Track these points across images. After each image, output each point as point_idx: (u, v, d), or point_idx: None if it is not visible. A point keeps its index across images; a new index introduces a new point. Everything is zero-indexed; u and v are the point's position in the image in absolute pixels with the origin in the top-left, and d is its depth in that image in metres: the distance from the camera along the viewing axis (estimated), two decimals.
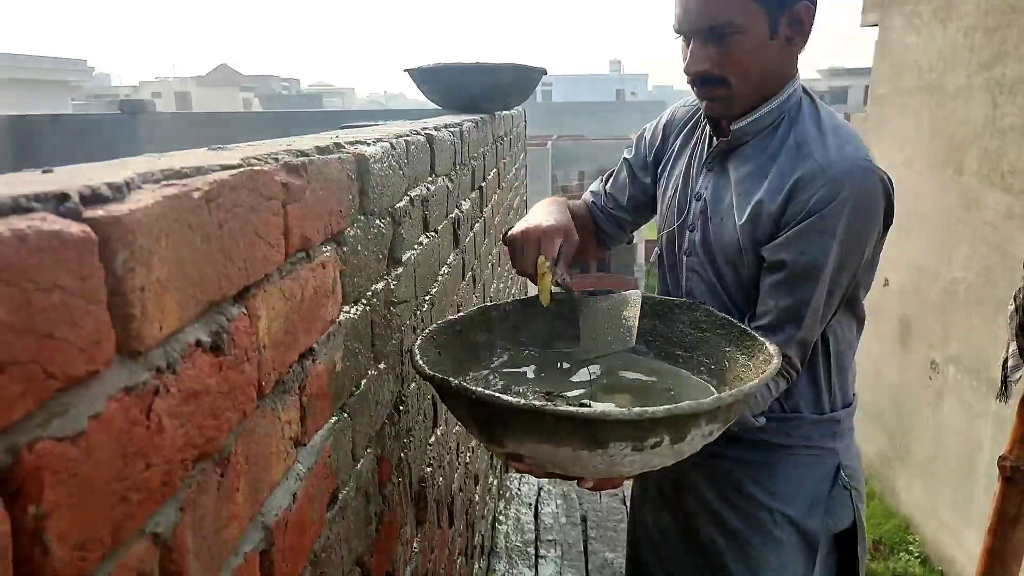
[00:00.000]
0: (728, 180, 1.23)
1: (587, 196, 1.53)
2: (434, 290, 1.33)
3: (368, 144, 0.89)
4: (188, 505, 0.46)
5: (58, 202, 0.36)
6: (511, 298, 2.04)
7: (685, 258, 1.32)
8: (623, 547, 2.61)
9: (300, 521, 0.66)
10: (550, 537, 2.65)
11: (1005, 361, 1.25)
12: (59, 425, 0.34)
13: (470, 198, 1.82)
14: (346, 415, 0.81)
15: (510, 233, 1.20)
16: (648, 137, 1.48)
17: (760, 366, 1.01)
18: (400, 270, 1.05)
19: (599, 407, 0.90)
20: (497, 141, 2.51)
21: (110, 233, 0.38)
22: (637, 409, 0.78)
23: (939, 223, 5.42)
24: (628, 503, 1.55)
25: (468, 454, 1.88)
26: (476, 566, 2.09)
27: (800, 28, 1.13)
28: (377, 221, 0.93)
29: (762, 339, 1.06)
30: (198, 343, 0.47)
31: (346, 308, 0.81)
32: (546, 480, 3.03)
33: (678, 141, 1.39)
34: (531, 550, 2.58)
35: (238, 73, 46.23)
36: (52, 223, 0.34)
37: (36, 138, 5.04)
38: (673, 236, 1.35)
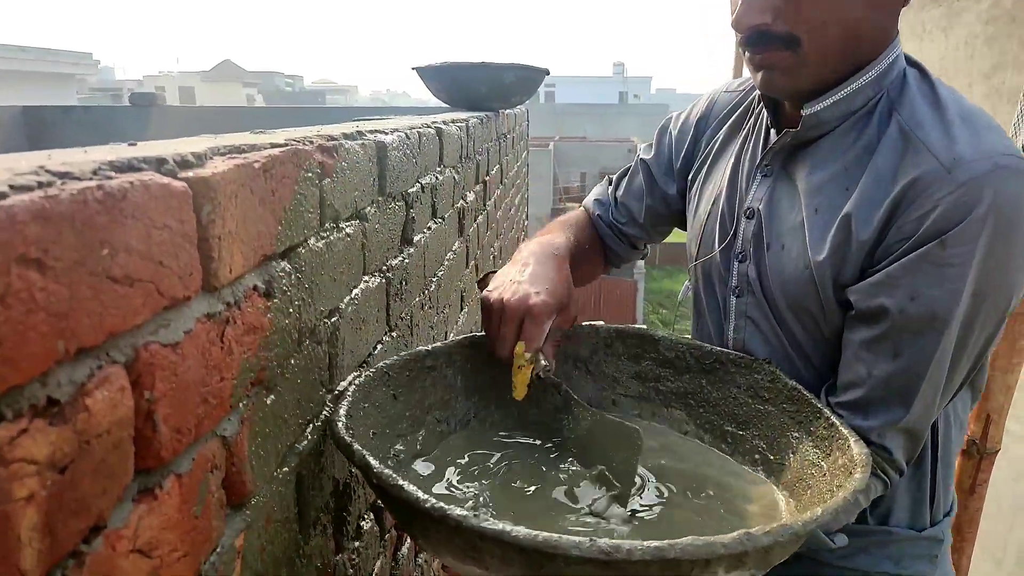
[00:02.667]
0: (794, 189, 0.88)
1: (591, 205, 1.19)
2: (440, 273, 1.44)
3: (386, 133, 0.99)
4: (246, 419, 0.56)
5: (159, 164, 0.46)
6: None
7: (733, 299, 0.95)
8: None
9: (329, 453, 0.76)
10: None
11: None
12: (164, 334, 0.44)
13: (474, 191, 1.93)
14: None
15: (487, 294, 0.87)
16: (674, 132, 1.12)
17: (837, 474, 0.70)
18: (412, 250, 1.15)
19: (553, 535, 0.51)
20: (500, 138, 2.61)
21: (199, 189, 0.48)
22: (606, 542, 0.50)
23: None
24: None
25: None
26: None
27: None
28: (393, 203, 1.03)
29: (846, 431, 0.73)
30: (255, 288, 0.57)
31: (366, 278, 0.91)
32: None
33: (718, 137, 1.04)
34: None
35: (242, 69, 46.35)
36: (160, 179, 0.45)
37: (49, 128, 5.13)
38: (713, 268, 0.98)
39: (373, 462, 0.59)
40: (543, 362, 0.83)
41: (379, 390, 0.79)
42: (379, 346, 0.97)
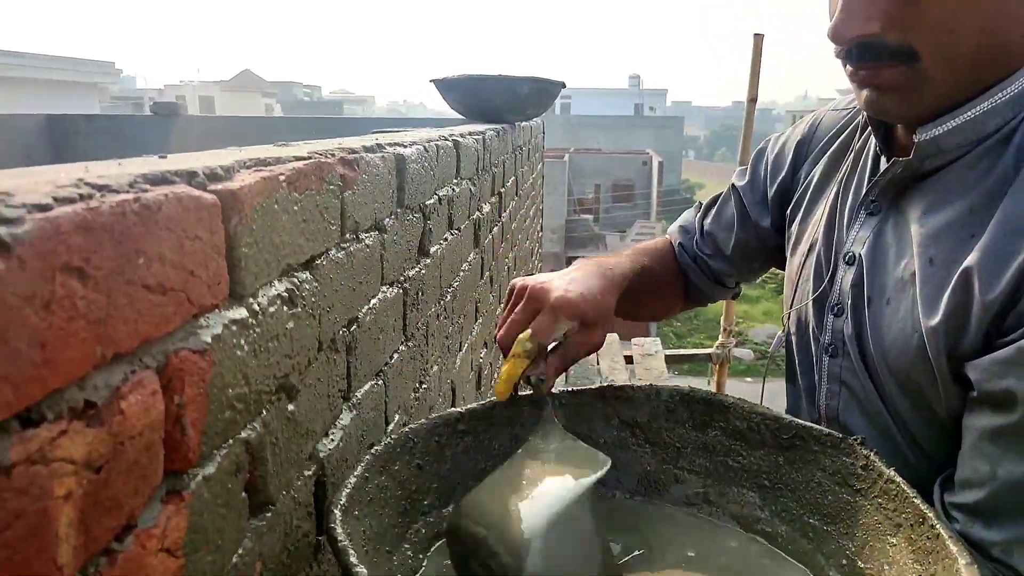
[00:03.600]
0: (906, 233, 0.74)
1: (675, 232, 1.08)
2: (456, 283, 1.45)
3: (405, 146, 1.01)
4: (269, 425, 0.58)
5: (191, 177, 0.48)
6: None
7: (827, 359, 0.82)
8: None
9: (344, 459, 0.77)
10: None
11: None
12: (193, 340, 0.46)
13: (490, 202, 1.94)
14: (382, 383, 0.93)
15: (516, 280, 0.83)
16: (771, 157, 0.99)
17: None
18: (428, 261, 1.17)
19: None
20: (516, 150, 2.63)
21: (227, 202, 0.50)
22: None
23: None
24: None
25: None
26: None
27: None
28: (410, 215, 1.04)
29: (954, 548, 0.55)
30: (279, 296, 0.59)
31: (384, 288, 0.93)
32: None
33: (820, 165, 0.90)
34: None
35: (261, 79, 46.90)
36: (191, 191, 0.46)
37: (72, 136, 5.22)
38: (806, 320, 0.86)
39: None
40: (541, 369, 0.75)
41: (402, 460, 0.70)
42: (395, 355, 0.99)
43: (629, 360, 4.30)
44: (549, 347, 0.76)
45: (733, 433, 0.79)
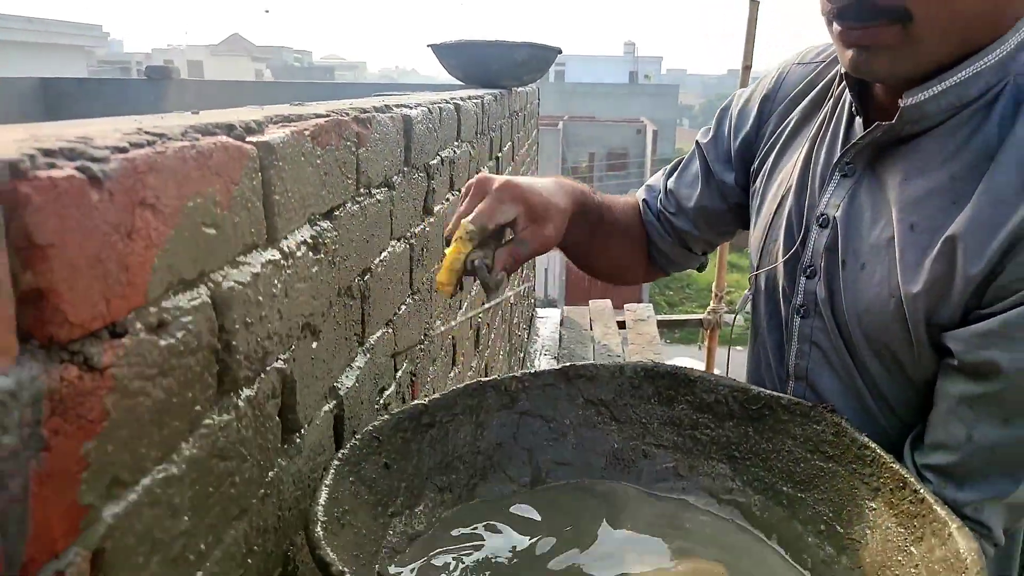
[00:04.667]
0: (883, 197, 0.74)
1: (641, 192, 1.07)
2: None
3: (411, 107, 1.06)
4: (298, 358, 0.64)
5: (229, 129, 0.53)
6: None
7: (798, 320, 0.82)
8: None
9: (359, 398, 0.84)
10: None
11: None
12: (238, 275, 0.52)
13: (487, 166, 1.99)
14: (391, 331, 0.99)
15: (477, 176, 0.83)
16: (735, 113, 0.97)
17: (937, 571, 0.55)
18: (432, 219, 1.22)
19: None
20: (513, 115, 2.66)
21: (264, 152, 0.55)
22: None
23: None
24: None
25: None
26: None
27: None
28: (416, 174, 1.09)
29: (943, 513, 0.57)
30: (305, 242, 0.65)
31: (392, 243, 0.98)
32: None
33: (789, 121, 0.88)
34: None
35: (250, 43, 46.17)
36: (234, 141, 0.52)
37: (66, 99, 5.19)
38: (776, 280, 0.86)
39: None
40: (482, 258, 0.75)
41: (369, 460, 0.68)
42: (403, 307, 1.05)
43: (622, 325, 4.38)
44: (502, 241, 0.77)
45: (700, 406, 0.79)
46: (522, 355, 3.89)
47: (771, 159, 0.90)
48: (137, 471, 0.41)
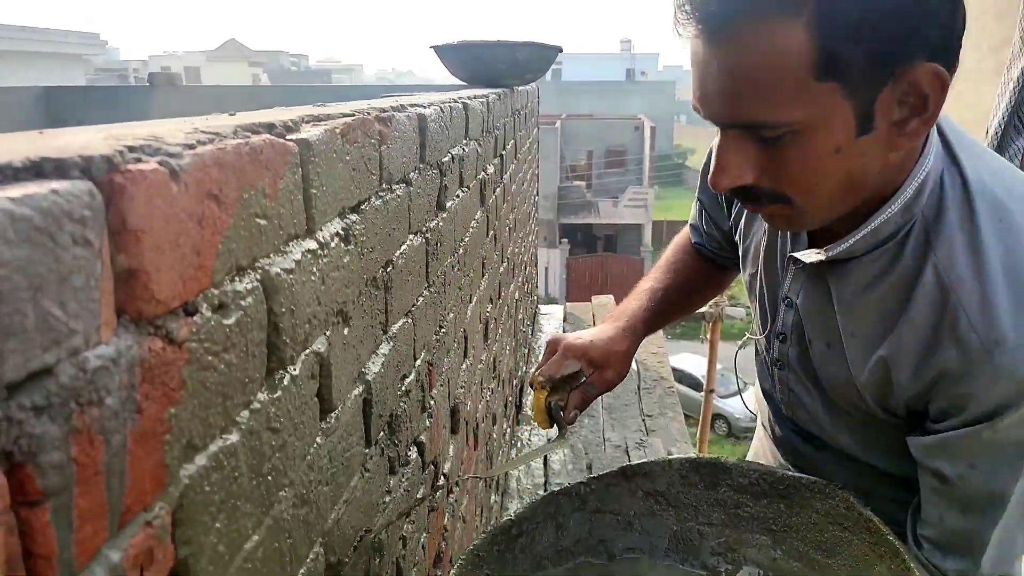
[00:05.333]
0: (828, 294, 0.82)
1: (690, 232, 1.19)
2: (467, 239, 1.55)
3: (425, 107, 1.10)
4: (332, 342, 0.68)
5: (270, 128, 0.58)
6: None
7: (777, 371, 0.94)
8: None
9: (384, 383, 0.88)
10: (558, 481, 2.89)
11: None
12: (283, 262, 0.56)
13: (493, 163, 2.03)
14: (411, 321, 1.03)
15: (553, 337, 1.02)
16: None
17: None
18: (445, 215, 1.26)
19: None
20: (515, 114, 2.71)
21: (303, 148, 0.59)
22: None
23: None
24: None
25: (488, 393, 2.11)
26: (492, 497, 2.33)
27: (921, 108, 0.66)
28: (430, 171, 1.14)
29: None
30: (338, 234, 0.69)
31: (411, 237, 1.02)
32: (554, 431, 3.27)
33: None
34: (541, 492, 2.82)
35: (246, 48, 46.19)
36: (278, 140, 0.56)
37: (68, 108, 5.24)
38: (761, 332, 0.97)
39: None
40: (555, 403, 0.95)
41: (473, 574, 0.85)
42: (420, 299, 1.09)
43: None
44: (574, 386, 0.95)
45: (739, 488, 0.94)
46: (527, 351, 3.94)
47: (743, 219, 0.99)
48: (206, 437, 0.45)
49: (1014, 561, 0.82)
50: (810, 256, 0.80)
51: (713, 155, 0.74)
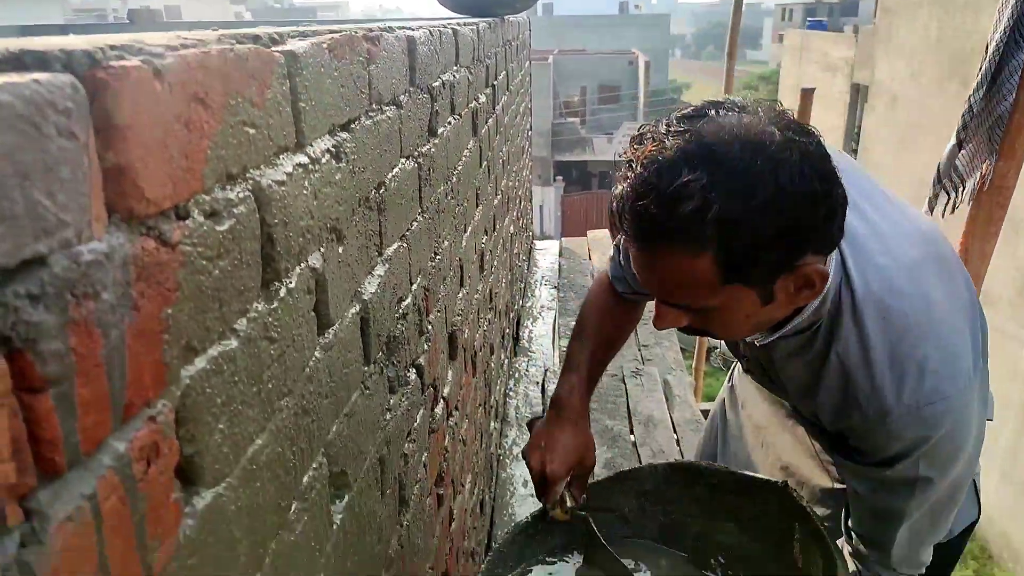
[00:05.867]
0: (770, 353, 1.01)
1: (614, 282, 1.26)
2: (459, 167, 1.54)
3: (413, 29, 1.07)
4: (327, 257, 0.69)
5: (255, 39, 0.57)
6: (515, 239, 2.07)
7: (743, 361, 1.16)
8: (621, 416, 2.89)
9: (382, 304, 0.89)
10: None
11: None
12: (274, 174, 0.56)
13: (484, 93, 2.00)
14: (406, 246, 1.03)
15: (528, 461, 1.13)
16: None
17: None
18: (436, 141, 1.25)
19: None
20: (506, 44, 2.65)
21: (290, 60, 0.59)
22: None
23: (943, 137, 5.54)
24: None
25: (485, 323, 2.13)
26: (492, 424, 2.38)
27: (812, 286, 0.82)
28: (420, 95, 1.12)
29: (838, 560, 0.94)
30: (328, 150, 0.69)
31: (402, 161, 1.02)
32: (553, 361, 3.31)
33: None
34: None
35: None
36: (264, 49, 0.55)
37: None
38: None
39: None
40: (568, 504, 1.12)
41: (499, 564, 1.09)
42: (415, 223, 1.09)
43: None
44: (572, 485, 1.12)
45: (711, 487, 1.15)
46: (523, 285, 3.95)
47: None
48: (204, 341, 0.46)
49: (921, 551, 1.01)
50: (748, 339, 1.01)
51: (655, 308, 0.91)
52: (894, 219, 0.93)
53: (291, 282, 0.60)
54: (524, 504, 2.34)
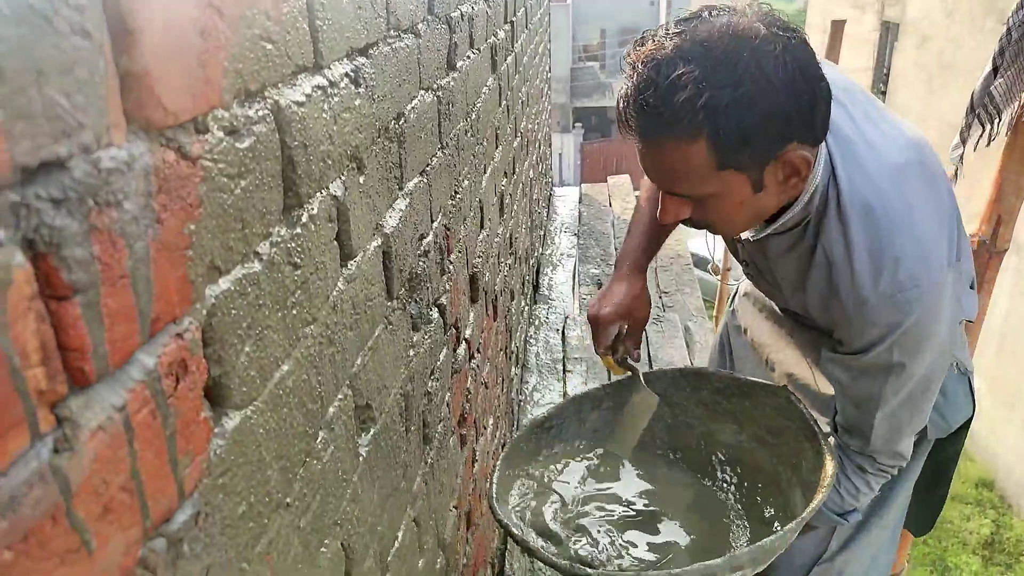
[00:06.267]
0: (765, 254, 1.08)
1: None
2: (479, 104, 1.51)
3: None
4: (348, 186, 0.67)
5: None
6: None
7: (743, 265, 1.20)
8: (642, 364, 2.90)
9: (403, 239, 0.88)
10: (576, 355, 2.95)
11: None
12: (292, 94, 0.54)
13: (503, 29, 1.95)
14: (426, 181, 1.02)
15: (588, 310, 1.22)
16: None
17: (821, 483, 0.98)
18: (455, 75, 1.22)
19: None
20: None
21: None
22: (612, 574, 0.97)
23: (974, 78, 5.35)
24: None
25: (505, 268, 2.12)
26: (513, 370, 2.39)
27: (797, 173, 0.89)
28: (439, 25, 1.09)
29: (827, 456, 1.00)
30: (347, 75, 0.67)
31: (421, 92, 0.99)
32: (574, 310, 3.31)
33: None
34: (559, 366, 2.89)
35: None
36: None
37: None
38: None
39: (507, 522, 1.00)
40: (620, 352, 1.18)
41: (516, 452, 1.13)
42: (434, 159, 1.07)
43: None
44: (624, 338, 1.19)
45: (715, 391, 1.22)
46: (542, 233, 3.93)
47: None
48: (228, 262, 0.45)
49: (900, 440, 1.07)
50: (744, 235, 1.07)
51: (660, 203, 0.97)
52: (883, 128, 0.99)
53: (313, 208, 0.59)
54: None
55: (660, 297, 3.46)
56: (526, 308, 3.01)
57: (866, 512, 1.23)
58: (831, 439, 1.08)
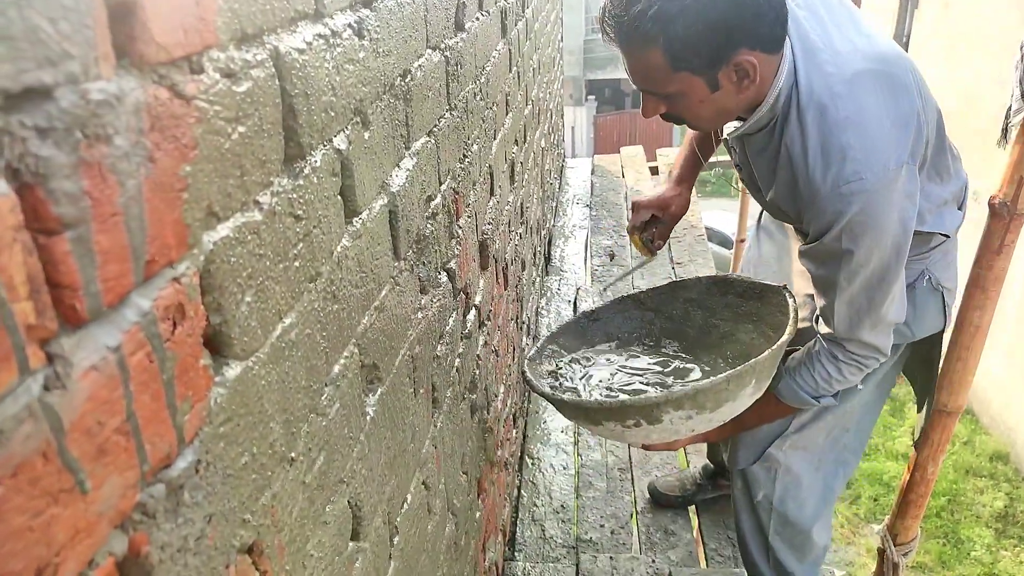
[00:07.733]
0: (747, 154, 1.22)
1: None
2: (488, 68, 1.48)
3: None
4: (352, 140, 0.66)
5: None
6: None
7: (737, 169, 1.33)
8: None
9: (410, 199, 0.86)
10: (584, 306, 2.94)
11: (1009, 108, 1.35)
12: (292, 41, 0.53)
13: None
14: (434, 142, 1.00)
15: (633, 199, 1.53)
16: None
17: (781, 335, 1.24)
18: (464, 35, 1.20)
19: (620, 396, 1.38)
20: None
21: None
22: (594, 398, 1.35)
23: (995, 47, 5.21)
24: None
25: (516, 237, 2.10)
26: (524, 340, 2.38)
27: (748, 75, 1.03)
28: None
29: (792, 313, 1.24)
30: (350, 25, 0.65)
31: (428, 51, 0.97)
32: (586, 281, 3.29)
33: None
34: None
35: None
36: None
37: None
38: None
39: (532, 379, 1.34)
40: (646, 236, 1.50)
41: (563, 335, 1.52)
42: (442, 120, 1.05)
43: (654, 172, 4.33)
44: (655, 226, 1.50)
45: (738, 294, 1.46)
46: (554, 204, 3.90)
47: None
48: (227, 208, 0.44)
49: (861, 328, 1.18)
50: (725, 134, 1.25)
51: (641, 99, 1.13)
52: (854, 39, 1.09)
53: (316, 161, 0.57)
54: (556, 417, 2.37)
55: (673, 268, 3.43)
56: (538, 279, 3.00)
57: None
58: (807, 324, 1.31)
